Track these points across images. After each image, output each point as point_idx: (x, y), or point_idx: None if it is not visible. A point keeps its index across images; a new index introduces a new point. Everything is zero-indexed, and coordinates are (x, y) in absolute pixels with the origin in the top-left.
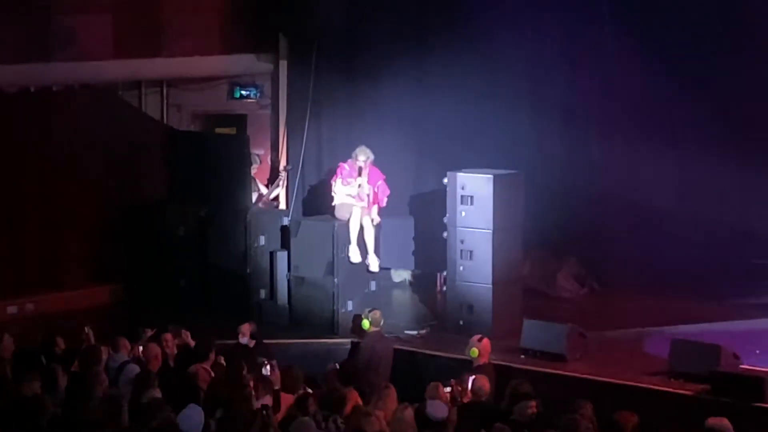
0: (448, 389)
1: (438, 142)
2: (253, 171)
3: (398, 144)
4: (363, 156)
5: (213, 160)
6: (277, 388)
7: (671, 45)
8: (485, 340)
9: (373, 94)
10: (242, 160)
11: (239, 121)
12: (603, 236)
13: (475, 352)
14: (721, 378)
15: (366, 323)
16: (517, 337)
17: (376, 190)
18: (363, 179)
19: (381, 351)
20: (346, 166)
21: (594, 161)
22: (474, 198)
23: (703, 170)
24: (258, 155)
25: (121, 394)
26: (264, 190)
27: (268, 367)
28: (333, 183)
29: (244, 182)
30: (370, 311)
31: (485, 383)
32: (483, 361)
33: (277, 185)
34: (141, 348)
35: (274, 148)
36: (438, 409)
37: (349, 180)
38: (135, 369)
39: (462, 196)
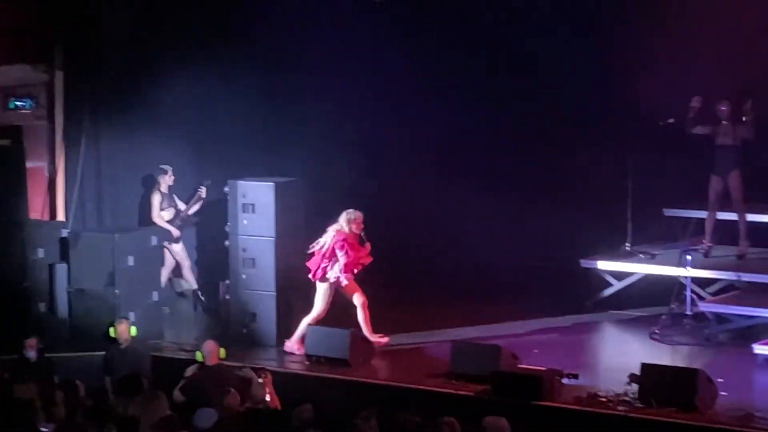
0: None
1: (220, 152)
2: (166, 184)
3: (180, 153)
4: (359, 216)
5: None
6: None
7: (466, 77)
8: (208, 342)
9: (154, 104)
10: (17, 171)
11: (14, 132)
12: (384, 243)
13: (199, 355)
14: (501, 378)
15: (112, 331)
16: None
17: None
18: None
19: (131, 361)
20: (347, 240)
21: (375, 171)
22: (255, 206)
23: (477, 186)
24: (165, 168)
25: None
26: (182, 206)
27: None
28: (339, 258)
29: (20, 193)
30: (118, 321)
31: (261, 391)
32: (211, 362)
33: (197, 201)
34: None
35: (51, 160)
36: (206, 417)
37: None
38: None
39: (243, 205)
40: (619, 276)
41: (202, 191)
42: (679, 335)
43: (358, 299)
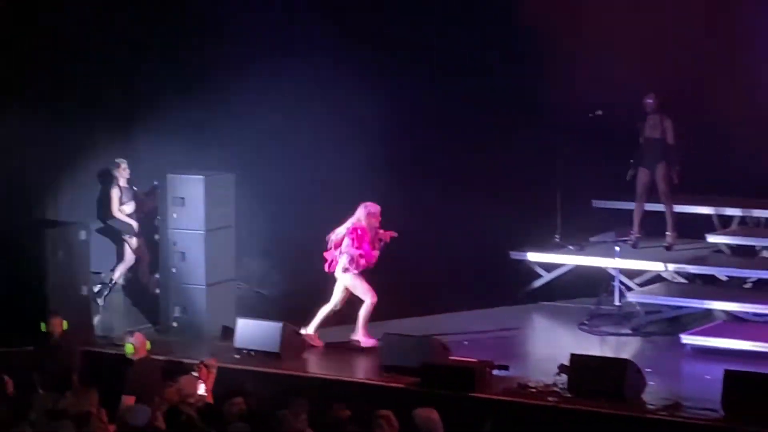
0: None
1: (152, 144)
2: (123, 178)
3: (109, 147)
4: (377, 209)
5: None
6: None
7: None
8: (137, 334)
9: (84, 94)
10: None
11: None
12: (316, 236)
13: (130, 348)
14: (431, 370)
15: (43, 326)
16: (232, 337)
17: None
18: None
19: (61, 356)
20: (359, 230)
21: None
22: (185, 200)
23: (408, 179)
24: (119, 161)
25: None
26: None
27: None
28: (343, 246)
29: None
30: (50, 315)
31: (189, 386)
32: (140, 355)
33: (153, 195)
34: None
35: None
36: (139, 415)
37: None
38: None
39: (173, 198)
40: (549, 267)
41: (156, 184)
42: (608, 326)
43: (340, 299)
